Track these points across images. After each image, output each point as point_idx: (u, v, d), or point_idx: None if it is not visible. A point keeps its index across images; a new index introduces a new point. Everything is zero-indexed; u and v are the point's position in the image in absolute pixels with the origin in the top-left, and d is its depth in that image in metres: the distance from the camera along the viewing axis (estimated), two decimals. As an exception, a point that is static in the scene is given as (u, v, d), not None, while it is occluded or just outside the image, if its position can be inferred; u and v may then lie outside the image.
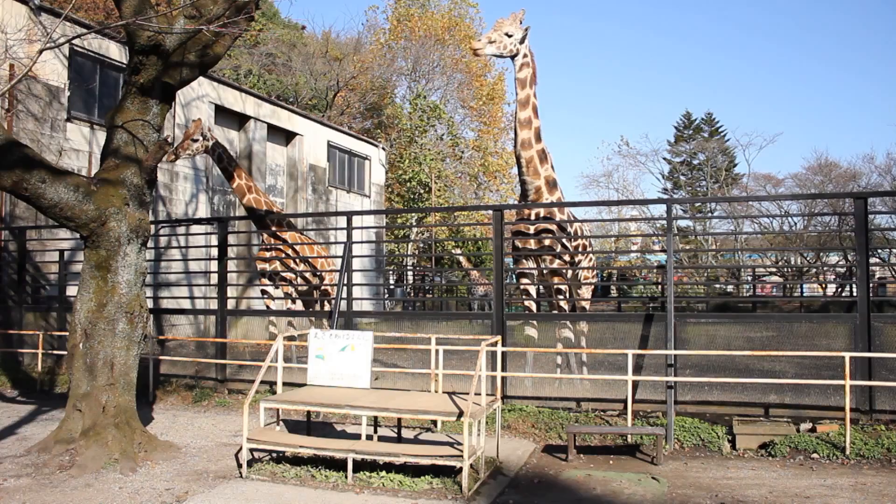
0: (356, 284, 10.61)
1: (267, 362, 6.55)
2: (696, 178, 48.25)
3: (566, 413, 8.11)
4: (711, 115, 51.95)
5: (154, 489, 5.74)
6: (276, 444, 6.20)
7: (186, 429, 8.13)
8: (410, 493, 5.51)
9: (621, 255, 33.13)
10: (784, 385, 7.85)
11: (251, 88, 23.44)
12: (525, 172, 9.24)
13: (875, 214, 20.64)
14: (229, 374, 10.57)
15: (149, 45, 6.34)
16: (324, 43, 33.29)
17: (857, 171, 34.07)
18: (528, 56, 9.14)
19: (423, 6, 36.17)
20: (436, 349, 8.05)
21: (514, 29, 8.92)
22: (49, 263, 12.93)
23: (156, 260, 13.51)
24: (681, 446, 7.30)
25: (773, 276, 31.01)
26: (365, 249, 21.99)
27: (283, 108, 21.76)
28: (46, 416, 8.59)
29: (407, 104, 35.33)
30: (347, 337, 6.72)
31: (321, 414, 8.26)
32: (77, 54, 14.15)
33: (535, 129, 9.22)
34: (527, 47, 9.13)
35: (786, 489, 5.82)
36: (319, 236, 21.87)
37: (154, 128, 6.95)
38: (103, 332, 6.55)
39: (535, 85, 9.29)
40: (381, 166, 27.83)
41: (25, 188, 6.14)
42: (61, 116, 13.78)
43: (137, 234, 6.80)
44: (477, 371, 6.00)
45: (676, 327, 8.01)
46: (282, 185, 21.82)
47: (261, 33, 30.30)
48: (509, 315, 9.50)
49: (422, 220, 27.94)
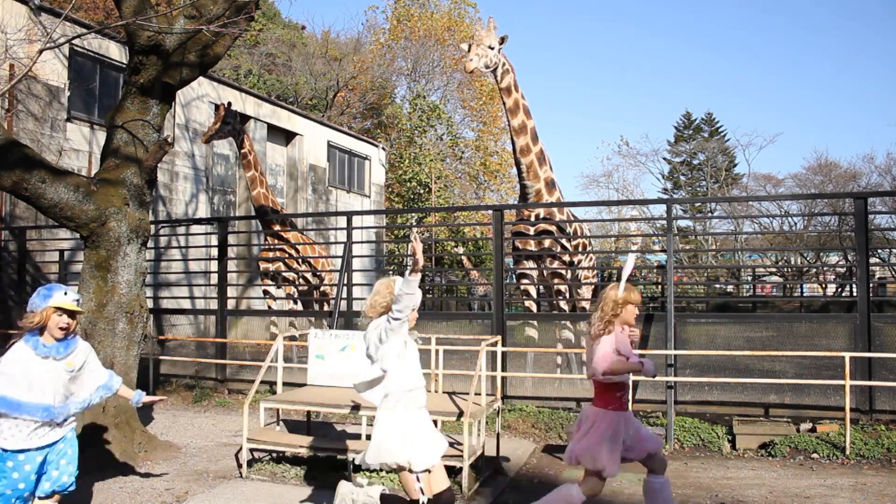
0: (356, 284, 10.62)
1: (267, 362, 6.55)
2: (696, 178, 48.24)
3: (566, 413, 8.11)
4: (711, 115, 51.95)
5: (154, 489, 5.74)
6: (276, 444, 6.20)
7: (186, 429, 8.13)
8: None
9: (621, 255, 33.12)
10: (784, 385, 7.85)
11: (251, 88, 23.45)
12: (525, 177, 9.31)
13: (875, 214, 20.63)
14: (229, 374, 10.58)
15: (149, 45, 6.34)
16: (324, 43, 33.28)
17: (857, 171, 34.06)
18: (507, 63, 9.24)
19: (423, 6, 36.17)
20: (436, 349, 8.05)
21: (493, 41, 9.04)
22: (49, 263, 12.93)
23: (156, 260, 13.51)
24: (681, 446, 7.30)
25: (773, 276, 31.00)
26: (365, 249, 21.99)
27: (283, 108, 21.76)
28: (46, 416, 8.58)
29: (407, 104, 35.33)
30: (347, 337, 6.72)
31: (321, 414, 8.26)
32: (77, 54, 14.14)
33: (531, 132, 9.29)
34: (503, 55, 9.21)
35: (786, 489, 5.82)
36: (319, 236, 21.88)
37: (154, 128, 6.95)
38: (103, 332, 6.54)
39: (520, 87, 9.40)
40: (381, 166, 27.83)
41: (25, 188, 6.14)
42: (61, 116, 13.78)
43: (137, 234, 6.80)
44: (477, 371, 6.00)
45: (676, 327, 8.02)
46: (282, 185, 21.82)
47: (261, 33, 30.30)
48: (509, 315, 9.50)
49: (422, 220, 27.93)
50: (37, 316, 4.00)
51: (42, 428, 3.98)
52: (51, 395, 4.01)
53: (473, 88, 36.25)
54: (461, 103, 36.80)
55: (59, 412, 4.03)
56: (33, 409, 3.92)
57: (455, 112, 36.35)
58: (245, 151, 12.36)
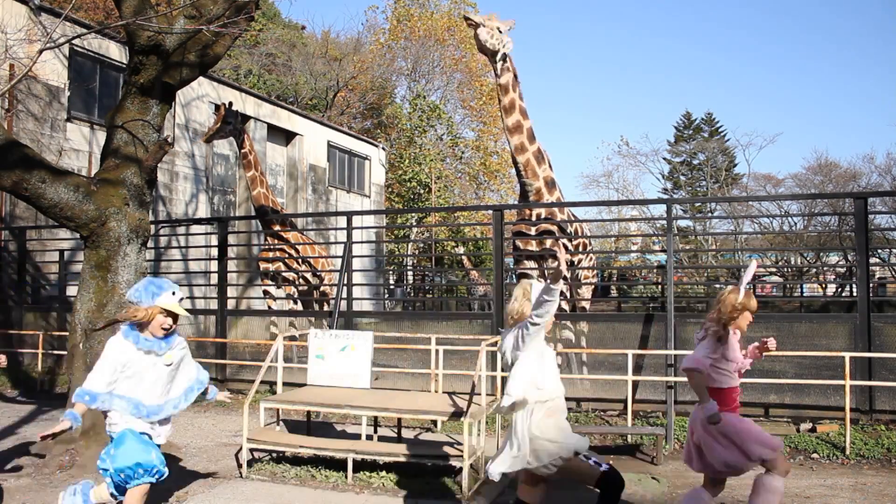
0: (356, 284, 10.61)
1: (267, 362, 6.55)
2: (696, 178, 48.22)
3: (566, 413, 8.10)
4: (711, 115, 51.95)
5: (154, 489, 5.73)
6: (276, 444, 6.20)
7: (186, 429, 8.12)
8: (411, 493, 5.51)
9: (621, 255, 33.13)
10: (784, 385, 7.85)
11: (251, 88, 23.44)
12: (524, 175, 9.26)
13: (875, 214, 20.63)
14: (229, 374, 10.57)
15: (149, 45, 6.34)
16: (324, 43, 33.28)
17: (857, 171, 34.05)
18: (509, 60, 9.05)
19: (423, 6, 36.16)
20: (436, 349, 8.05)
21: (504, 28, 8.83)
22: (49, 263, 12.93)
23: (156, 260, 13.51)
24: (681, 446, 7.29)
25: (774, 276, 31.00)
26: (365, 249, 21.99)
27: (283, 108, 21.76)
28: (46, 416, 8.59)
29: (407, 104, 35.33)
30: (347, 337, 6.72)
31: (321, 414, 8.26)
32: (77, 54, 14.14)
33: (527, 132, 9.18)
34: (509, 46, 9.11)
35: (786, 489, 5.81)
36: (319, 236, 21.87)
37: (154, 128, 6.95)
38: (103, 331, 6.54)
39: (518, 86, 9.22)
40: (381, 166, 27.82)
41: (25, 188, 6.13)
42: (61, 116, 13.78)
43: (137, 234, 6.80)
44: (477, 371, 6.00)
45: (676, 327, 8.01)
46: (282, 185, 21.81)
47: (261, 33, 30.30)
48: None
49: (422, 220, 27.93)
50: (140, 312, 3.86)
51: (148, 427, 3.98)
52: (155, 393, 3.96)
53: (473, 88, 36.26)
54: (461, 103, 36.81)
55: (161, 410, 3.99)
56: (146, 408, 3.90)
57: (455, 112, 36.37)
58: (245, 151, 12.39)
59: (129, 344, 3.89)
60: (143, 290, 3.92)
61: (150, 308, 3.87)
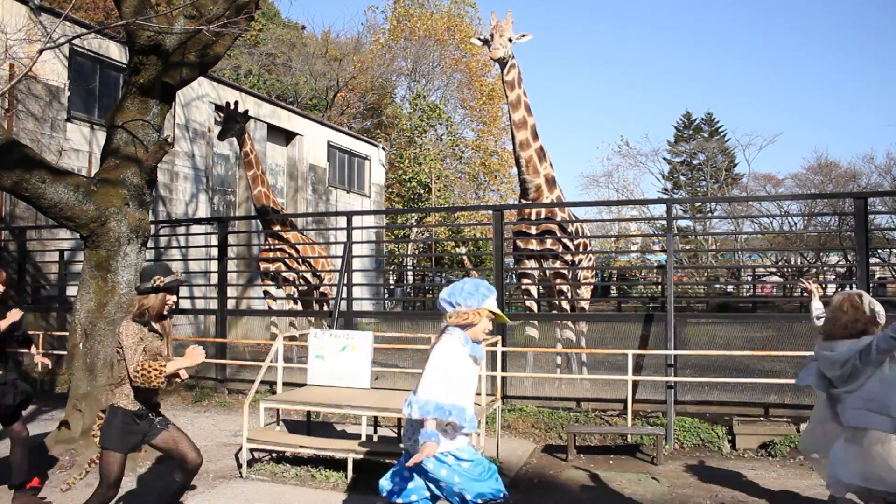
0: (356, 284, 10.61)
1: (267, 362, 6.55)
2: (696, 178, 48.23)
3: (566, 413, 8.10)
4: (711, 115, 51.93)
5: (154, 489, 5.74)
6: (276, 444, 6.20)
7: (186, 429, 8.04)
8: (410, 493, 5.51)
9: (621, 255, 33.12)
10: (784, 385, 7.84)
11: (251, 88, 23.45)
12: (525, 171, 9.31)
13: (875, 214, 20.63)
14: (229, 374, 10.57)
15: (149, 45, 6.34)
16: (323, 43, 33.28)
17: (857, 171, 34.08)
18: (514, 57, 9.29)
19: (423, 6, 36.17)
20: (436, 349, 8.03)
21: (511, 33, 9.09)
22: (49, 263, 12.93)
23: (156, 260, 13.51)
24: (681, 446, 7.30)
25: (773, 276, 31.01)
26: (365, 249, 21.99)
27: (283, 108, 21.76)
28: (46, 416, 8.59)
29: (407, 104, 35.34)
30: (347, 337, 6.72)
31: (321, 414, 8.26)
32: (77, 54, 14.14)
33: (531, 128, 9.34)
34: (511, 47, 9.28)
35: (786, 489, 5.82)
36: (319, 236, 21.87)
37: (154, 128, 6.95)
38: (103, 332, 6.54)
39: (523, 83, 9.44)
40: (381, 166, 27.83)
41: (25, 188, 6.14)
42: (61, 116, 13.78)
43: (137, 234, 6.80)
44: (477, 371, 5.99)
45: (676, 327, 8.01)
46: (282, 185, 21.82)
47: (261, 33, 30.29)
48: (509, 315, 9.49)
49: (422, 220, 27.93)
50: (470, 315, 3.42)
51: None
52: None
53: (473, 88, 36.27)
54: (461, 103, 36.82)
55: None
56: (471, 421, 3.42)
57: (455, 112, 36.37)
58: (246, 151, 12.40)
59: (464, 349, 3.51)
60: (473, 291, 3.44)
61: (480, 310, 3.45)
